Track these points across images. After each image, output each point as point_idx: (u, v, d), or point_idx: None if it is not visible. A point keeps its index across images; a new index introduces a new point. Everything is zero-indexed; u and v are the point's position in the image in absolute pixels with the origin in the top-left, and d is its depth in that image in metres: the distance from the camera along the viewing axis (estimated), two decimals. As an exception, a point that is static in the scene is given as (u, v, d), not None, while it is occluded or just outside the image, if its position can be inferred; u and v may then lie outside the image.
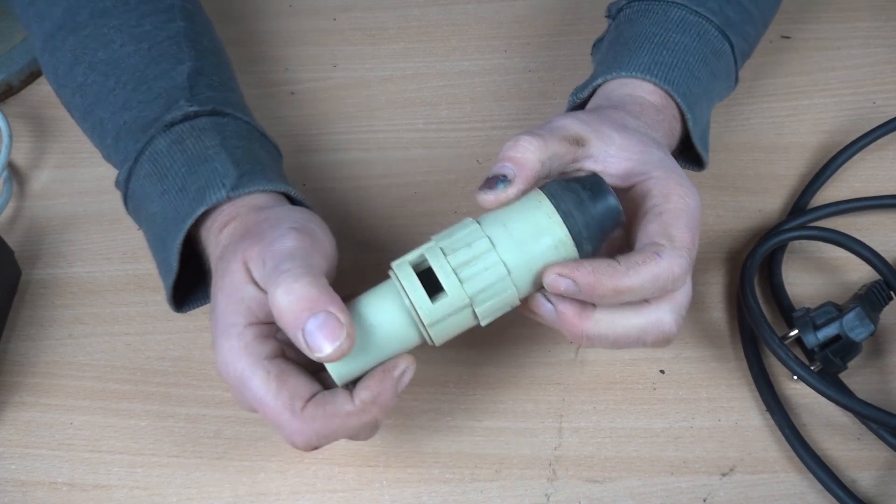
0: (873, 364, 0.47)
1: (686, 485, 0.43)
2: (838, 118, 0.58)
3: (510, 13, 0.66)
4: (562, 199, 0.37)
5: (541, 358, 0.48)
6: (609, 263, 0.36)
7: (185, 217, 0.41)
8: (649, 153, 0.40)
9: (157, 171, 0.43)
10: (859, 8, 0.64)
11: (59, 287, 0.52)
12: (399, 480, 0.44)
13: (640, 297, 0.37)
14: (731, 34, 0.47)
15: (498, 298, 0.37)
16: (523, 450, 0.45)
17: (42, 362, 0.49)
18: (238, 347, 0.36)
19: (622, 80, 0.45)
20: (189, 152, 0.43)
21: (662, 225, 0.38)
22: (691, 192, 0.39)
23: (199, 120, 0.44)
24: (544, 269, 0.37)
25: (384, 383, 0.36)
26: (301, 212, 0.41)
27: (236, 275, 0.37)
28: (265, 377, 0.35)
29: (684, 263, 0.37)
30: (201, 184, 0.42)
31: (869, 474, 0.43)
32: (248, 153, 0.44)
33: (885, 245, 0.50)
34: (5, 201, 0.56)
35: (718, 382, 0.47)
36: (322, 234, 0.39)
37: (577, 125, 0.40)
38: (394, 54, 0.64)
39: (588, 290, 0.36)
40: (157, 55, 0.46)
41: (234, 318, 0.37)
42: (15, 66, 0.62)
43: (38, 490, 0.45)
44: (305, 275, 0.35)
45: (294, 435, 0.36)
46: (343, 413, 0.35)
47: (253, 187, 0.42)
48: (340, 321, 0.34)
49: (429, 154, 0.58)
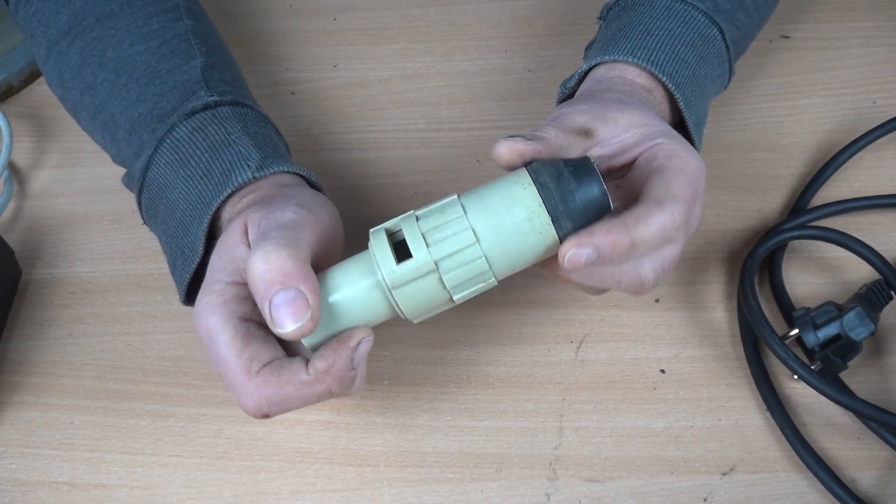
0: (873, 363, 0.47)
1: (686, 484, 0.43)
2: (838, 118, 0.58)
3: (510, 13, 0.66)
4: (540, 172, 0.36)
5: (541, 357, 0.48)
6: (618, 220, 0.36)
7: (211, 199, 0.41)
8: (653, 124, 0.41)
9: (179, 157, 0.43)
10: (859, 7, 0.64)
11: (59, 287, 0.52)
12: (399, 480, 0.44)
13: (651, 249, 0.37)
14: (720, 20, 0.47)
15: (466, 268, 0.36)
16: (523, 449, 0.45)
17: (42, 362, 0.49)
18: (215, 302, 0.36)
19: (609, 65, 0.46)
20: (212, 138, 0.43)
21: (663, 179, 0.38)
22: (695, 156, 0.39)
23: (220, 109, 0.45)
24: (550, 248, 0.36)
25: (339, 353, 0.36)
26: (317, 195, 0.41)
27: (234, 234, 0.38)
28: (233, 335, 0.36)
29: (683, 213, 0.37)
30: (226, 167, 0.42)
31: (869, 474, 0.43)
32: (268, 140, 0.45)
33: (885, 244, 0.50)
34: (5, 201, 0.56)
35: (719, 382, 0.47)
36: (327, 217, 0.40)
37: (580, 116, 0.40)
38: (394, 54, 0.64)
39: (608, 251, 0.35)
40: (168, 51, 0.47)
41: (220, 274, 0.37)
42: (15, 66, 0.62)
43: (38, 489, 0.45)
44: (287, 246, 0.35)
45: (246, 398, 0.36)
46: (297, 381, 0.35)
47: (277, 167, 0.42)
48: (308, 302, 0.34)
49: (429, 154, 0.58)
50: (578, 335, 0.49)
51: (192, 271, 0.42)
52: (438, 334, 0.49)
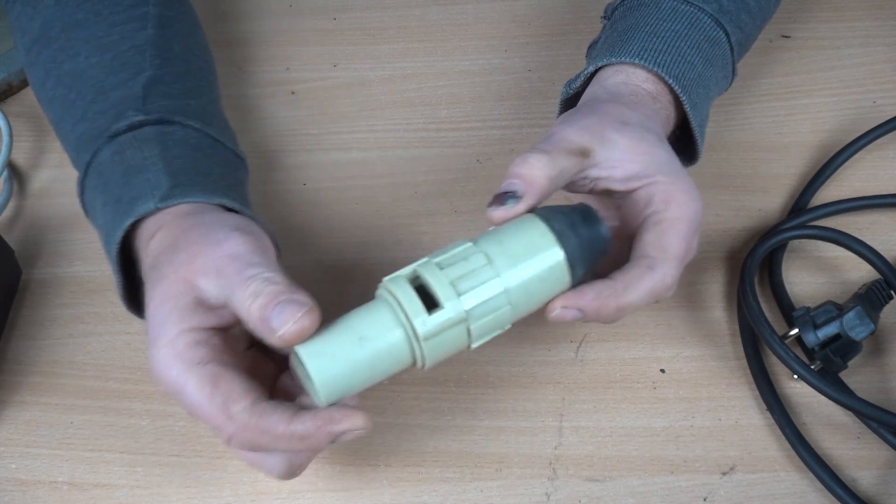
0: (873, 363, 0.47)
1: (686, 484, 0.43)
2: (838, 117, 0.58)
3: (510, 13, 0.66)
4: (554, 220, 0.37)
5: (541, 357, 0.48)
6: (607, 285, 0.38)
7: (116, 228, 0.41)
8: (654, 153, 0.40)
9: (100, 182, 0.43)
10: (859, 7, 0.64)
11: (59, 286, 0.52)
12: (399, 479, 0.44)
13: (637, 310, 0.38)
14: (725, 22, 0.47)
15: (493, 316, 0.36)
16: (524, 449, 0.45)
17: (42, 361, 0.49)
18: (170, 356, 0.36)
19: (616, 67, 0.46)
20: (127, 163, 0.42)
21: (658, 235, 0.39)
22: (693, 197, 0.40)
23: (143, 130, 0.43)
24: (547, 304, 0.38)
25: (321, 430, 0.34)
26: (233, 216, 0.40)
27: (169, 286, 0.37)
28: (198, 382, 0.35)
29: (675, 273, 0.38)
30: (133, 195, 0.41)
31: (869, 473, 0.43)
32: (190, 163, 0.43)
33: (885, 244, 0.50)
34: (5, 201, 0.56)
35: (718, 381, 0.47)
36: (261, 232, 0.39)
37: (579, 135, 0.40)
38: (394, 54, 0.64)
39: (593, 314, 0.37)
40: (119, 65, 0.46)
41: (165, 327, 0.36)
42: (15, 66, 0.62)
43: (38, 489, 0.45)
44: (273, 279, 0.35)
45: (229, 438, 0.35)
46: (272, 432, 0.34)
47: (184, 199, 0.41)
48: (301, 302, 0.34)
49: (429, 154, 0.58)
50: (578, 335, 0.49)
51: (122, 296, 0.42)
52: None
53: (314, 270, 0.52)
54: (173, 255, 0.38)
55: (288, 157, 0.58)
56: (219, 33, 0.64)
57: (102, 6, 0.48)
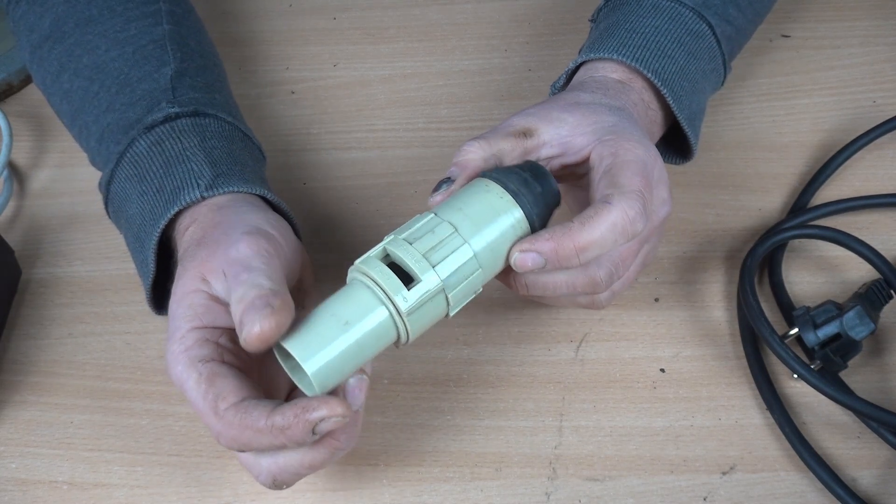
0: (873, 363, 0.47)
1: (686, 483, 0.43)
2: (838, 117, 0.58)
3: (510, 13, 0.66)
4: (508, 181, 0.39)
5: (541, 357, 0.48)
6: (563, 225, 0.38)
7: (159, 217, 0.41)
8: (601, 121, 0.41)
9: (137, 172, 0.43)
10: (858, 7, 0.64)
11: (59, 286, 0.52)
12: (399, 479, 0.44)
13: (606, 249, 0.38)
14: (709, 16, 0.48)
15: (467, 281, 0.37)
16: (523, 448, 0.45)
17: (42, 361, 0.49)
18: (178, 352, 0.37)
19: (591, 64, 0.47)
20: (167, 153, 0.43)
21: (610, 177, 0.39)
22: (642, 144, 0.40)
23: (179, 121, 0.44)
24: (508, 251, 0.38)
25: (298, 419, 0.34)
26: (257, 214, 0.41)
27: (188, 281, 0.38)
28: (196, 378, 0.36)
29: (637, 205, 0.38)
30: (177, 184, 0.42)
31: (869, 473, 0.43)
32: (227, 154, 0.44)
33: (885, 244, 0.50)
34: (5, 201, 0.56)
35: (718, 381, 0.47)
36: (280, 236, 0.39)
37: (522, 119, 0.42)
38: (394, 54, 0.64)
39: (552, 256, 0.37)
40: (141, 58, 0.47)
41: (179, 321, 0.37)
42: (15, 66, 0.62)
43: (38, 489, 0.45)
44: (262, 285, 0.35)
45: (217, 436, 0.35)
46: (254, 427, 0.34)
47: (228, 188, 0.42)
48: (268, 304, 0.34)
49: (429, 153, 0.58)
50: (578, 334, 0.49)
51: (149, 287, 0.43)
52: (438, 334, 0.49)
53: (314, 270, 0.52)
54: (197, 250, 0.39)
55: (288, 157, 0.58)
56: (219, 33, 0.64)
57: (115, 2, 0.48)
